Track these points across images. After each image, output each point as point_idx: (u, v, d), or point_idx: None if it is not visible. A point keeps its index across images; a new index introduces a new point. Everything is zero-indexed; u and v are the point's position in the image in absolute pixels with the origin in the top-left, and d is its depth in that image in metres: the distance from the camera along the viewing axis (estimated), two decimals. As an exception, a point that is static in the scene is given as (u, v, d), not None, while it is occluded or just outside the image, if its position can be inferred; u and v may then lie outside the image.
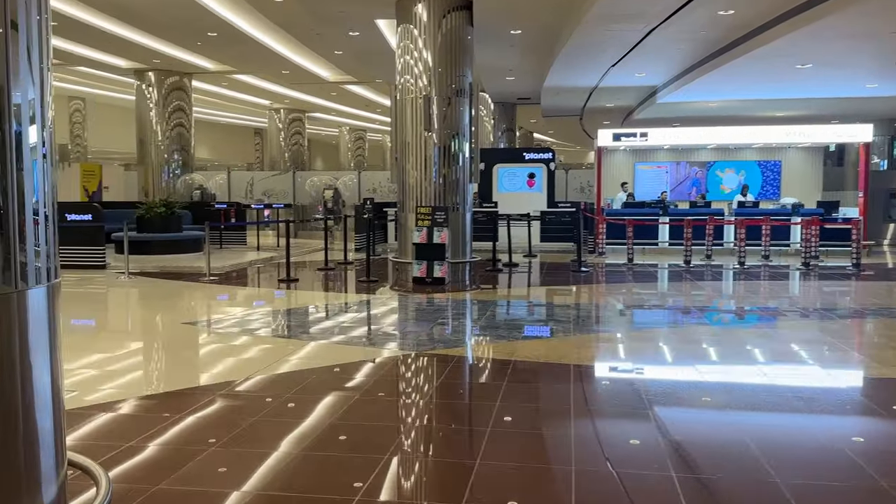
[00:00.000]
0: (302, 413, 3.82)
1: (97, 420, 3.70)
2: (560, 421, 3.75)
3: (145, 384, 4.43)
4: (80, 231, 10.51)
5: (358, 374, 4.67)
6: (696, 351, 5.49)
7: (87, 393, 4.15)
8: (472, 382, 4.60)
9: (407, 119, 10.16)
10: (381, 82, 19.43)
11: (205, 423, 3.64)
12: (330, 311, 7.20)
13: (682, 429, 3.63)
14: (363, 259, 12.66)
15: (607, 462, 3.15)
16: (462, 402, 4.21)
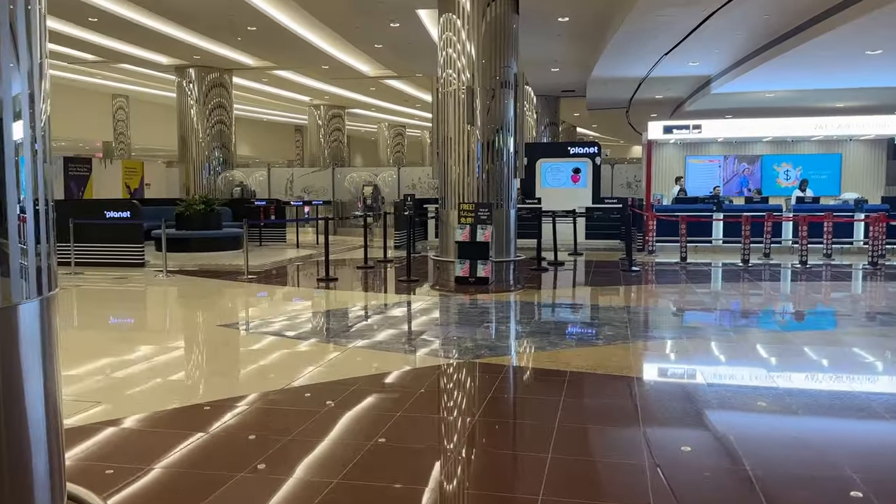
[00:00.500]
0: (339, 433, 3.47)
1: (115, 436, 3.40)
2: (631, 448, 3.31)
3: (170, 395, 4.13)
4: (118, 229, 10.40)
5: (400, 386, 4.30)
6: (771, 361, 4.97)
7: (109, 402, 3.87)
8: (524, 397, 4.18)
9: (449, 113, 9.76)
10: (421, 76, 19.07)
11: (233, 444, 3.31)
12: (369, 313, 6.86)
13: (778, 461, 3.16)
14: (403, 257, 12.32)
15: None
16: (516, 423, 3.80)
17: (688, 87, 16.98)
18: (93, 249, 10.37)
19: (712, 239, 13.78)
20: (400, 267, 10.87)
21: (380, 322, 6.34)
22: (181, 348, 5.36)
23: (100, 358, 4.97)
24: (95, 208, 10.78)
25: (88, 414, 3.68)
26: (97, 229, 10.33)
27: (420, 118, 30.84)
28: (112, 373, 4.56)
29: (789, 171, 17.14)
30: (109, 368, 4.67)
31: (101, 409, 3.77)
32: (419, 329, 6.14)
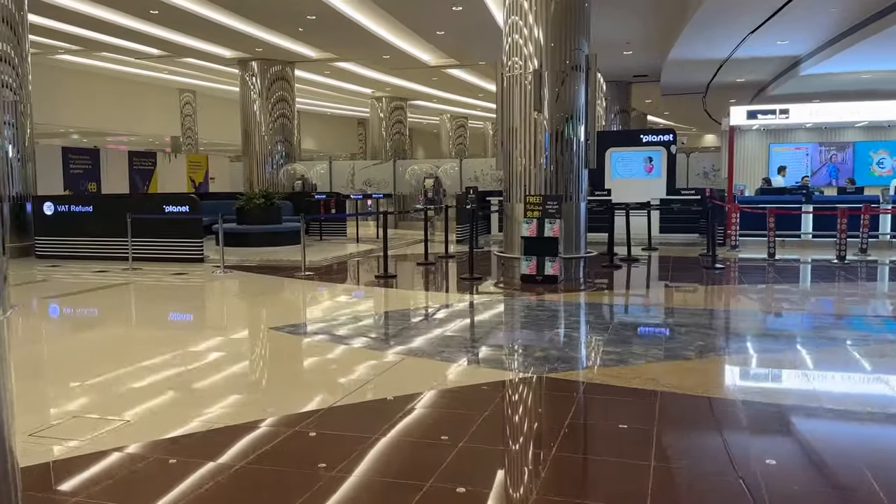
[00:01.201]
0: (390, 464, 2.95)
1: (138, 465, 2.98)
2: (748, 494, 2.66)
3: (201, 411, 3.71)
4: (177, 223, 10.24)
5: (465, 406, 3.75)
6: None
7: (137, 417, 3.48)
8: (609, 426, 3.56)
9: (515, 101, 9.13)
10: (483, 64, 18.43)
11: (267, 478, 2.83)
12: (429, 315, 6.34)
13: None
14: (465, 252, 11.79)
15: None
16: (602, 461, 3.19)
17: (773, 68, 15.75)
18: (151, 244, 10.25)
19: (801, 233, 12.68)
20: (462, 263, 10.33)
21: (440, 326, 5.81)
22: (229, 354, 4.97)
23: (134, 361, 4.62)
24: (154, 203, 10.66)
25: (108, 433, 3.29)
26: (156, 224, 10.19)
27: (482, 108, 30.18)
28: (144, 380, 4.19)
29: (885, 159, 15.72)
30: (144, 375, 4.30)
31: (122, 429, 3.37)
32: (483, 335, 5.57)
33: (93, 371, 4.45)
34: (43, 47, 17.28)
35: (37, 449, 3.12)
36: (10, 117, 10.66)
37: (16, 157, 10.78)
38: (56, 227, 10.66)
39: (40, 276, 9.20)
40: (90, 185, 14.53)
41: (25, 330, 6.02)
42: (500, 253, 9.45)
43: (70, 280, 9.04)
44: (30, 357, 4.99)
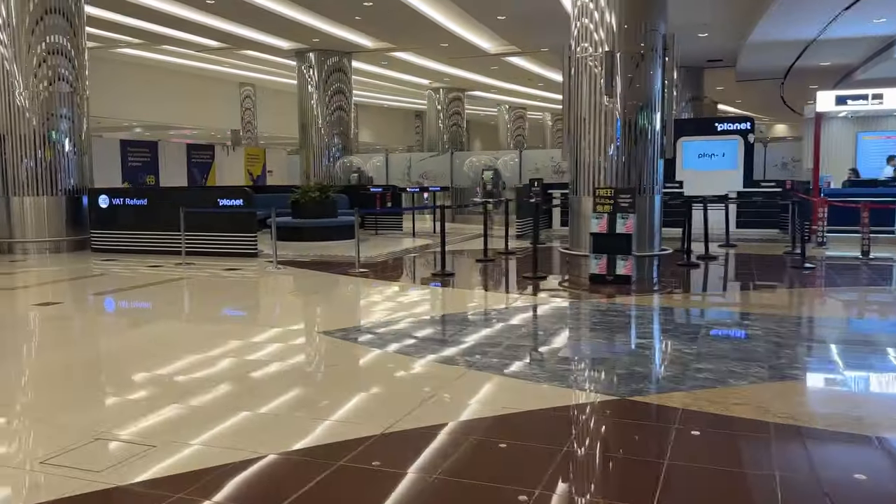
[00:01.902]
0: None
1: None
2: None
3: (241, 438, 3.26)
4: (231, 217, 9.97)
5: (537, 438, 3.19)
6: None
7: (163, 444, 3.05)
8: (720, 471, 2.93)
9: (583, 88, 8.47)
10: (546, 52, 17.68)
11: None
12: (490, 319, 5.79)
13: None
14: (526, 248, 11.17)
15: None
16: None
17: (866, 50, 14.47)
18: (205, 239, 10.02)
19: (895, 229, 11.57)
20: (523, 260, 9.73)
21: (503, 333, 5.24)
22: (272, 364, 4.53)
23: (169, 377, 4.23)
24: (208, 196, 10.43)
25: (132, 465, 2.87)
26: (209, 218, 9.95)
27: (543, 99, 29.34)
28: (176, 400, 3.78)
29: None
30: (175, 394, 3.89)
31: (148, 457, 2.94)
32: (553, 344, 4.99)
33: (135, 389, 4.08)
34: (105, 41, 17.45)
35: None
36: (67, 110, 10.59)
37: (72, 149, 10.72)
38: (111, 220, 10.57)
39: (96, 271, 9.07)
40: (148, 177, 14.54)
41: (69, 329, 5.76)
42: (566, 250, 8.82)
43: (124, 275, 8.87)
44: (74, 358, 4.68)
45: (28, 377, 4.37)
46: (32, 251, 10.45)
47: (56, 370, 4.45)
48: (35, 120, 10.31)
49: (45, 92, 10.32)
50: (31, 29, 10.15)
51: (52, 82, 10.34)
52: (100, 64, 19.71)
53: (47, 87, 10.31)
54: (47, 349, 5.13)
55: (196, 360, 4.54)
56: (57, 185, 10.56)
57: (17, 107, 10.22)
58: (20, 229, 10.42)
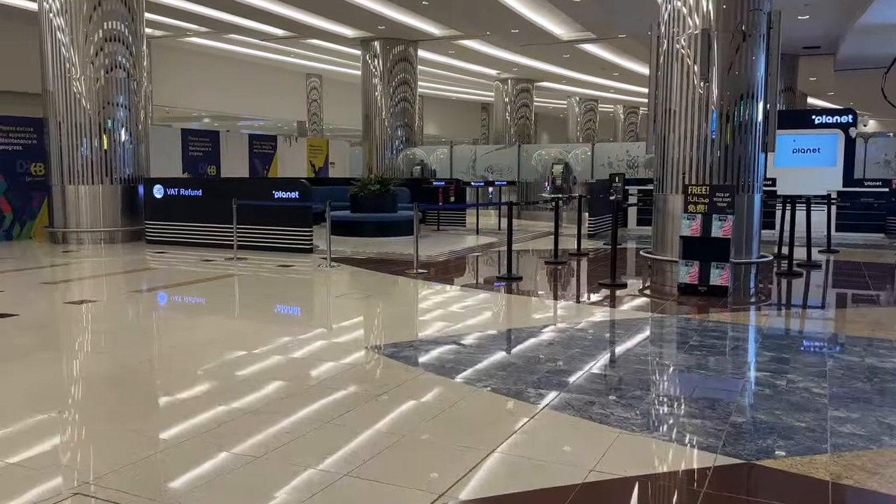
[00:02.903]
0: None
1: None
2: None
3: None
4: (287, 210, 9.44)
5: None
6: None
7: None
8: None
9: (673, 75, 7.50)
10: (623, 37, 16.55)
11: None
12: (565, 339, 4.95)
13: None
14: (599, 249, 10.25)
15: None
16: None
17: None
18: (258, 232, 9.53)
19: None
20: (597, 263, 8.83)
21: (584, 357, 4.41)
22: (302, 397, 3.85)
23: (180, 405, 3.60)
24: (263, 188, 9.94)
25: None
26: (263, 211, 9.45)
27: (616, 90, 28.01)
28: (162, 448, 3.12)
29: None
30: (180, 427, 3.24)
31: None
32: (643, 374, 4.13)
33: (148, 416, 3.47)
34: (173, 30, 17.36)
35: None
36: (124, 98, 10.28)
37: (128, 138, 10.42)
38: (165, 211, 10.22)
39: (145, 264, 8.69)
40: (209, 168, 14.27)
41: (90, 333, 5.25)
42: (649, 254, 7.86)
43: (171, 270, 8.44)
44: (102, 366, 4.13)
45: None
46: (87, 241, 10.20)
47: (87, 384, 3.90)
48: (91, 107, 10.03)
49: (102, 79, 10.02)
50: (89, 15, 9.86)
51: (109, 70, 10.04)
52: (168, 53, 19.78)
53: (104, 74, 10.02)
54: (72, 356, 4.61)
55: (210, 389, 3.91)
56: (113, 175, 10.28)
57: (73, 94, 9.97)
58: (75, 218, 10.18)
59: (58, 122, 10.03)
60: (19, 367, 4.20)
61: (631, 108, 36.40)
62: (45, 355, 4.57)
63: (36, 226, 10.88)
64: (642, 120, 40.01)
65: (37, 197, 10.80)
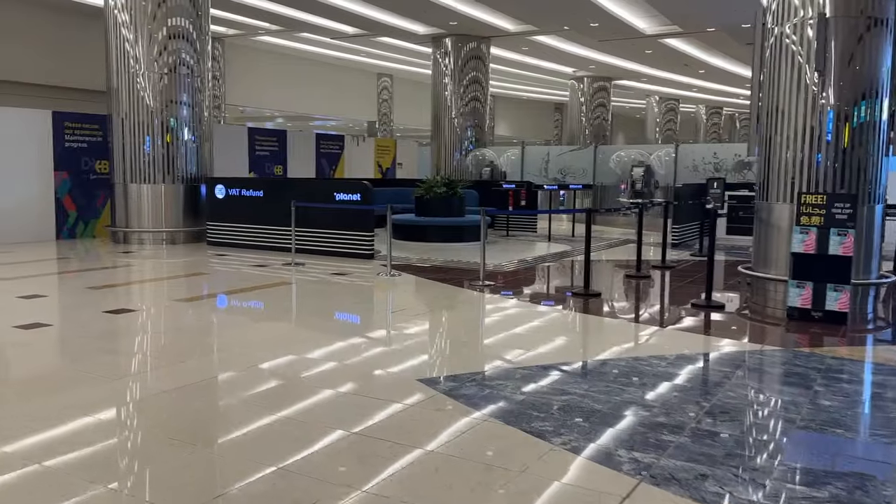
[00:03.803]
0: None
1: None
2: None
3: None
4: (348, 214, 8.94)
5: None
6: None
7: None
8: None
9: (781, 71, 6.55)
10: (712, 31, 15.39)
11: None
12: (660, 378, 4.16)
13: None
14: (685, 261, 9.28)
15: None
16: None
17: None
18: (317, 236, 9.07)
19: None
20: (684, 277, 7.91)
21: (679, 404, 3.63)
22: (326, 454, 3.24)
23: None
24: (324, 189, 9.48)
25: None
26: (323, 214, 8.99)
27: (699, 89, 26.55)
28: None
29: None
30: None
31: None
32: (762, 434, 3.31)
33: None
34: (244, 28, 17.29)
35: None
36: (188, 96, 10.03)
37: (191, 137, 10.17)
38: (226, 211, 9.91)
39: (198, 269, 8.35)
40: (276, 168, 14.01)
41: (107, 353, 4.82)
42: (749, 271, 6.92)
43: (225, 276, 8.08)
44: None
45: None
46: (148, 242, 10.01)
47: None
48: (154, 105, 9.82)
49: (166, 78, 9.80)
50: (154, 13, 9.64)
51: (173, 68, 9.81)
52: (241, 52, 19.82)
53: (168, 72, 9.79)
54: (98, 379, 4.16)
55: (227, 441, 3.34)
56: (175, 174, 10.05)
57: (137, 91, 9.78)
58: (137, 218, 10.00)
59: (121, 119, 9.87)
60: (34, 383, 3.77)
61: (714, 108, 34.62)
62: (66, 372, 4.14)
63: (99, 225, 10.80)
64: (726, 121, 38.10)
65: (101, 195, 10.71)
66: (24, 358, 4.41)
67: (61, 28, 14.25)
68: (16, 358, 4.40)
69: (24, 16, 13.59)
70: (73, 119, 10.49)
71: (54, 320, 5.24)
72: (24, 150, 9.93)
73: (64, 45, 14.29)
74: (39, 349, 4.61)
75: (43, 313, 5.53)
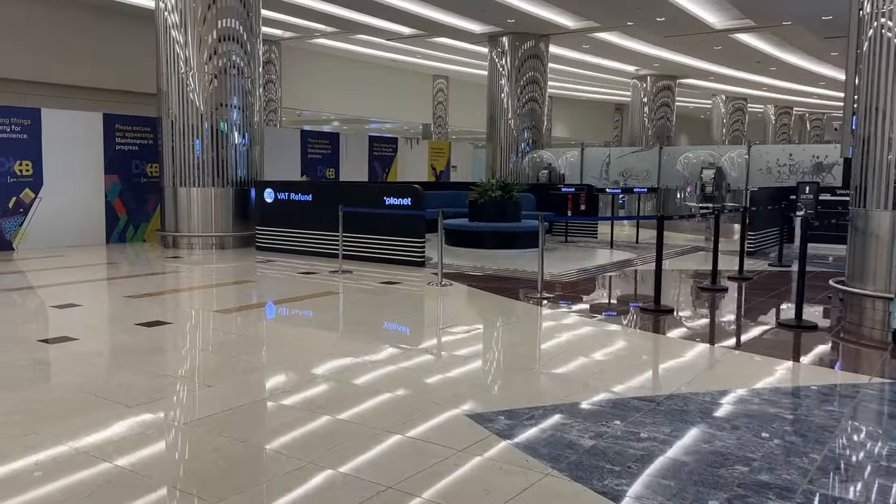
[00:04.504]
0: None
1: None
2: None
3: None
4: (398, 219, 8.52)
5: None
6: None
7: None
8: None
9: (880, 65, 5.79)
10: (788, 25, 14.38)
11: None
12: (754, 420, 3.53)
13: None
14: (763, 272, 8.48)
15: None
16: None
17: None
18: (366, 242, 8.69)
19: None
20: (766, 290, 7.17)
21: (782, 455, 3.01)
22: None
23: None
24: (373, 193, 9.09)
25: None
26: (372, 219, 8.60)
27: (769, 87, 25.20)
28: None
29: None
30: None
31: None
32: (886, 499, 2.68)
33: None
34: (301, 30, 17.17)
35: None
36: (238, 99, 9.81)
37: (242, 140, 9.94)
38: (275, 216, 9.64)
39: (243, 276, 8.07)
40: (328, 171, 13.76)
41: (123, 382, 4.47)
42: (842, 285, 6.15)
43: (269, 283, 7.77)
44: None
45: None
46: (197, 246, 9.83)
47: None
48: (204, 108, 9.63)
49: (216, 80, 9.59)
50: (204, 16, 9.45)
51: (223, 70, 9.60)
52: (297, 55, 19.76)
53: (218, 73, 9.58)
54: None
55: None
56: (225, 177, 9.84)
57: (186, 93, 9.60)
58: (186, 222, 9.82)
59: (171, 121, 9.71)
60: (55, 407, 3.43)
61: (783, 108, 32.98)
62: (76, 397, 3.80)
63: (149, 229, 10.71)
64: (796, 121, 36.22)
65: (151, 199, 10.61)
66: (38, 378, 4.11)
67: (111, 30, 14.41)
68: (30, 379, 4.10)
69: (73, 19, 13.76)
70: (124, 121, 10.42)
71: (81, 333, 4.94)
72: (75, 153, 9.88)
73: (114, 47, 14.44)
74: (59, 368, 4.31)
75: (73, 325, 5.27)
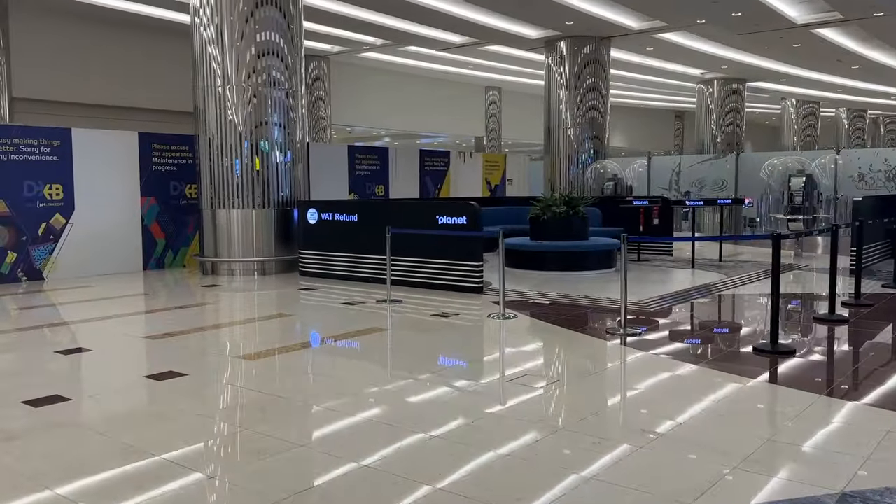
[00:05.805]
0: None
1: None
2: None
3: None
4: (452, 240, 7.63)
5: None
6: None
7: None
8: None
9: None
10: (881, 16, 12.96)
11: None
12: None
13: None
14: (881, 295, 7.16)
15: None
16: None
17: None
18: (418, 266, 7.82)
19: None
20: (893, 317, 5.95)
21: None
22: None
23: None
24: (424, 212, 8.22)
25: None
26: (423, 240, 7.73)
27: (845, 89, 23.39)
28: None
29: None
30: None
31: None
32: None
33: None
34: (350, 44, 16.61)
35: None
36: (279, 116, 9.11)
37: (284, 158, 9.23)
38: (318, 238, 8.88)
39: (286, 308, 7.29)
40: (377, 188, 13.00)
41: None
42: None
43: (312, 317, 6.96)
44: None
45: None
46: (238, 272, 9.13)
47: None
48: (244, 125, 8.96)
49: (255, 97, 8.92)
50: (241, 31, 8.80)
51: (263, 85, 8.93)
52: (347, 71, 19.25)
53: (258, 89, 8.91)
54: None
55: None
56: (267, 197, 9.14)
57: (224, 111, 8.95)
58: (226, 246, 9.14)
59: (208, 139, 9.08)
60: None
61: (857, 112, 30.85)
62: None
63: (189, 253, 10.10)
64: (870, 125, 33.87)
65: (191, 222, 10.01)
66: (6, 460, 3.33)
67: (145, 47, 14.07)
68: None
69: (104, 38, 13.47)
70: (161, 140, 9.86)
71: (75, 393, 4.13)
72: (109, 175, 9.32)
73: (148, 65, 14.09)
74: (30, 444, 3.53)
75: (69, 380, 4.51)
